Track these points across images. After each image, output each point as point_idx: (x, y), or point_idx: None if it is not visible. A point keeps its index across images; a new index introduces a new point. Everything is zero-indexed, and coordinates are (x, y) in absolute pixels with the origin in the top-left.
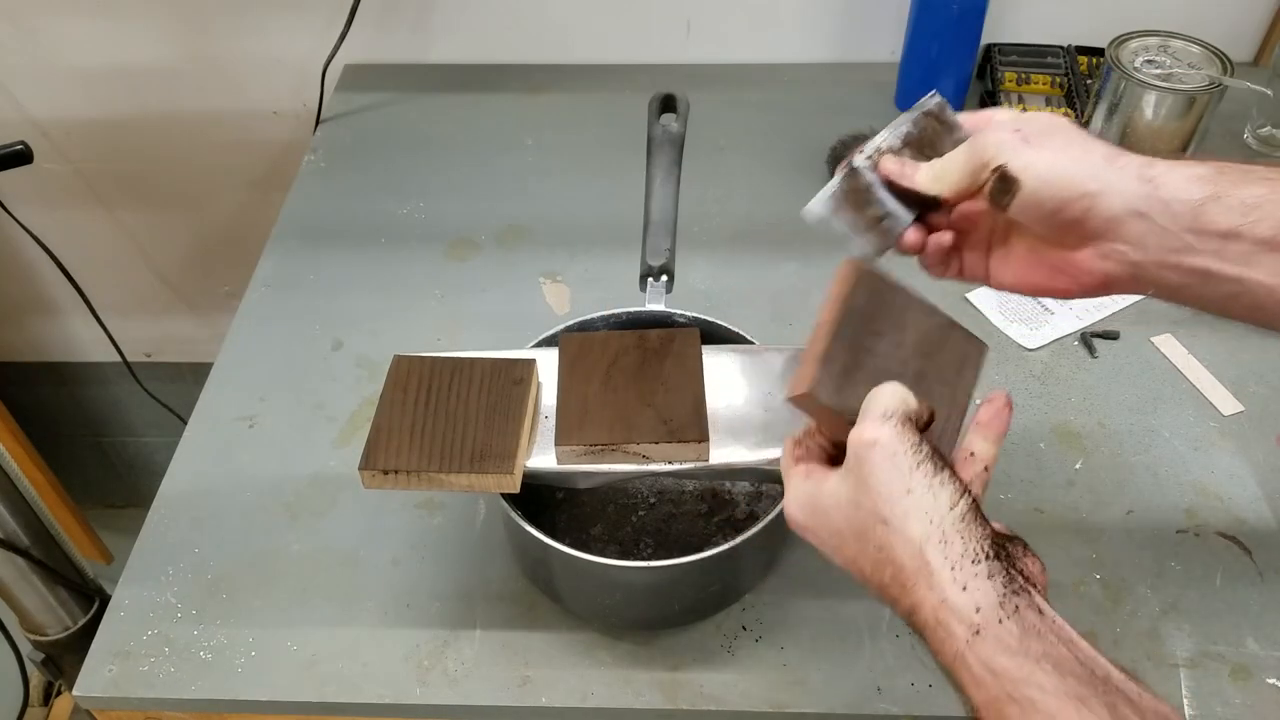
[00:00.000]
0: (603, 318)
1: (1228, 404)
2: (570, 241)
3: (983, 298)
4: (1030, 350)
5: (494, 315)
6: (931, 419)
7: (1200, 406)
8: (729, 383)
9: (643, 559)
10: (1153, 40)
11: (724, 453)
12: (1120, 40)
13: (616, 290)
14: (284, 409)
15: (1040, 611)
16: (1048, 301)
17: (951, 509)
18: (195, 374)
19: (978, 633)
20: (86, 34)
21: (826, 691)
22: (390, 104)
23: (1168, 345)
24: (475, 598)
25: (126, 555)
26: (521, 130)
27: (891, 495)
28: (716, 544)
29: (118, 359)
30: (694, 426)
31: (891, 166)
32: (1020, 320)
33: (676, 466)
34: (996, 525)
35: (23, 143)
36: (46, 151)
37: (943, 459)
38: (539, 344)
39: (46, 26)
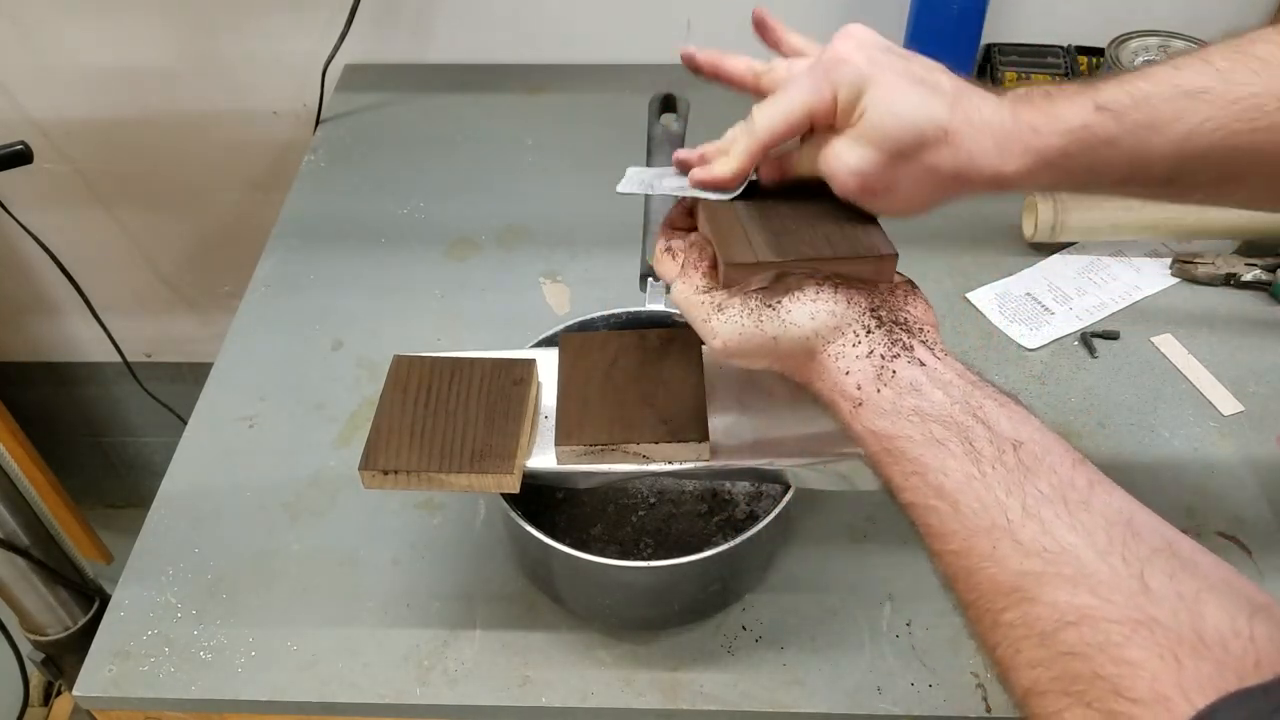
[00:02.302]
0: (603, 318)
1: (1228, 404)
2: (570, 241)
3: (982, 298)
4: (1030, 350)
5: (494, 315)
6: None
7: (1200, 406)
8: (729, 383)
9: (643, 559)
10: (1153, 40)
11: (724, 453)
12: (1120, 40)
13: (616, 290)
14: (284, 409)
15: (921, 363)
16: (1048, 301)
17: (829, 306)
18: (195, 374)
19: (859, 405)
20: (86, 34)
21: (826, 691)
22: (390, 104)
23: (1168, 345)
24: (475, 598)
25: (126, 555)
26: (521, 130)
27: (781, 310)
28: (716, 544)
29: (118, 359)
30: (694, 426)
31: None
32: (1020, 320)
33: (676, 466)
34: (881, 286)
35: (23, 143)
36: (46, 151)
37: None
38: (539, 344)
39: (46, 26)
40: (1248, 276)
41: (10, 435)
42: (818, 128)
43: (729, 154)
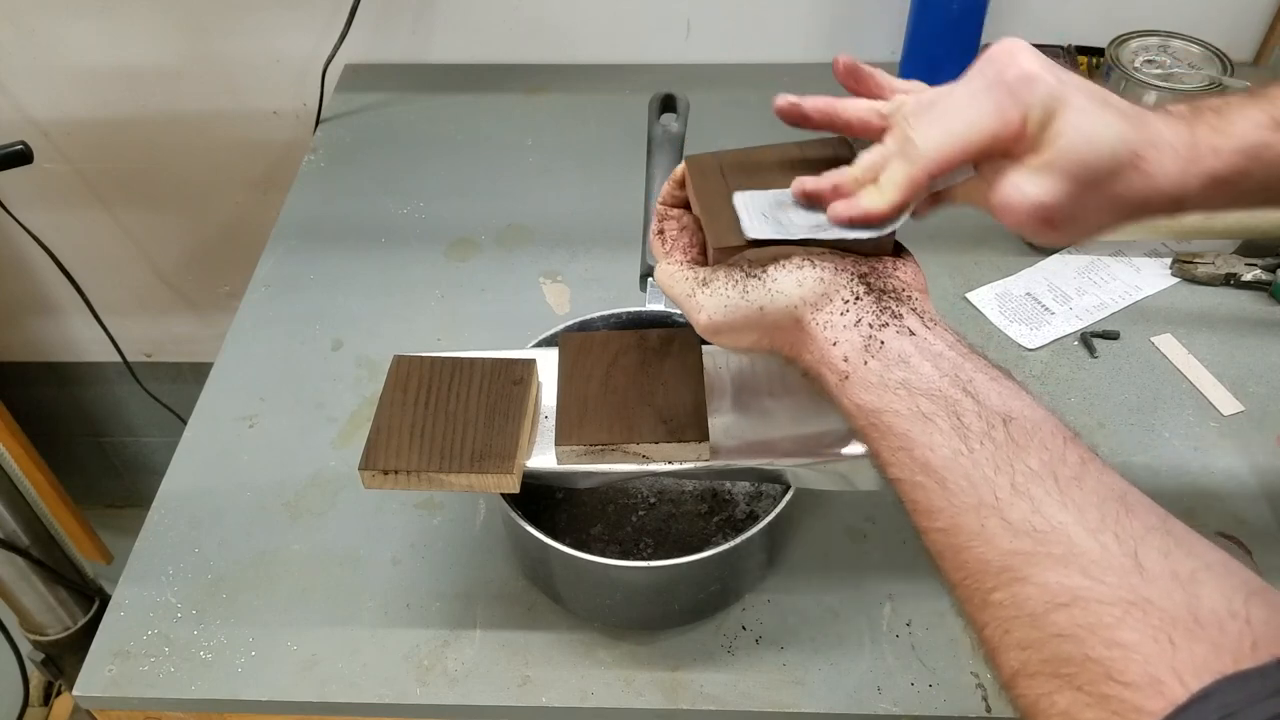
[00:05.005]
0: (603, 318)
1: (1228, 404)
2: (570, 241)
3: (982, 298)
4: (1030, 350)
5: (494, 315)
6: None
7: (1200, 406)
8: (729, 383)
9: (643, 559)
10: (1153, 40)
11: (724, 453)
12: (1120, 40)
13: (616, 290)
14: (284, 409)
15: (911, 333)
16: (1048, 301)
17: (816, 273)
18: (195, 374)
19: (846, 378)
20: (86, 34)
21: (826, 691)
22: (390, 104)
23: (1168, 345)
24: (475, 598)
25: (126, 555)
26: (521, 130)
27: (767, 279)
28: (716, 544)
29: (118, 359)
30: (694, 426)
31: (841, 211)
32: (1020, 320)
33: (676, 466)
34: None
35: (23, 143)
36: (46, 151)
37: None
38: (539, 344)
39: (46, 26)
40: (1248, 276)
41: (10, 435)
42: (993, 154)
43: (879, 186)
